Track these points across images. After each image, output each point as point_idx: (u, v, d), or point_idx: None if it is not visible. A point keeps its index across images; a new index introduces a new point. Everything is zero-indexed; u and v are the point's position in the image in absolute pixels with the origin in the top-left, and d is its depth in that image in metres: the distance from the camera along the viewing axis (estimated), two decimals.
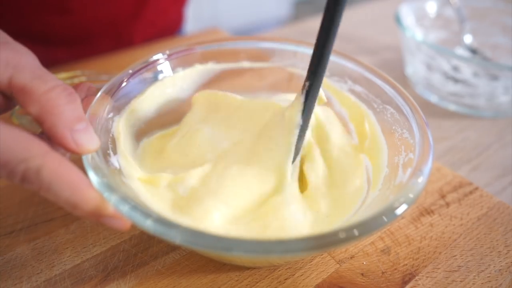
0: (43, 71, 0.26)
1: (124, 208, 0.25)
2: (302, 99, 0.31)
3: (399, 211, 0.26)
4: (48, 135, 0.26)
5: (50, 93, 0.25)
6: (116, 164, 0.32)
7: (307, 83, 0.30)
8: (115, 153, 0.33)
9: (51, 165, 0.23)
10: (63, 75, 0.41)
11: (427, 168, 0.29)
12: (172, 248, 0.35)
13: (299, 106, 0.32)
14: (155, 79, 0.39)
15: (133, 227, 0.36)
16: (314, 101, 0.32)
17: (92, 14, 0.62)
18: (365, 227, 0.25)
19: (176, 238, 0.24)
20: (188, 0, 0.76)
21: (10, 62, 0.25)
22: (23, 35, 0.57)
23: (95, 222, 0.27)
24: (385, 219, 0.25)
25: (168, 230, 0.24)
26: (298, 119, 0.32)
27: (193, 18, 2.14)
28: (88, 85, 0.33)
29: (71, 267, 0.33)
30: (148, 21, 0.69)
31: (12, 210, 0.38)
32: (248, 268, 0.33)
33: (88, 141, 0.26)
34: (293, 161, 0.34)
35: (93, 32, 0.64)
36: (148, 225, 0.24)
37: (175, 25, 0.76)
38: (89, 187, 0.25)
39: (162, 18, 0.71)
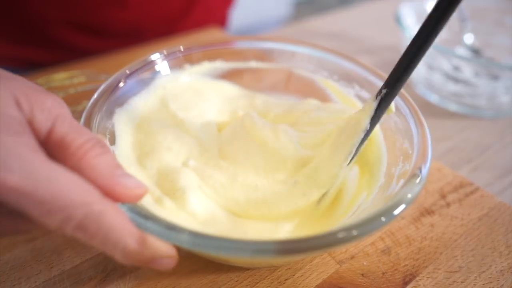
0: (78, 123, 0.26)
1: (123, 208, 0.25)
2: (374, 105, 0.31)
3: (397, 211, 0.26)
4: None
5: (86, 145, 0.24)
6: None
7: (384, 91, 0.30)
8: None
9: (112, 211, 0.23)
10: (63, 75, 0.41)
11: (426, 168, 0.29)
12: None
13: (370, 112, 0.31)
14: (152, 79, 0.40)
15: None
16: (385, 110, 0.31)
17: (146, 9, 0.66)
18: (364, 228, 0.24)
19: (180, 242, 0.24)
20: (235, 2, 0.78)
21: (53, 112, 0.24)
22: (79, 27, 0.61)
23: (145, 266, 0.27)
24: (383, 219, 0.25)
25: (169, 232, 0.24)
26: (366, 123, 0.32)
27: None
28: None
29: (70, 267, 0.33)
30: (196, 21, 0.73)
31: None
32: (248, 269, 0.33)
33: (135, 184, 0.25)
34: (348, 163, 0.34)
35: (145, 27, 0.69)
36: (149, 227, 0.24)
37: (220, 25, 0.79)
38: (149, 239, 0.24)
39: (209, 17, 0.75)
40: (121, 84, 0.36)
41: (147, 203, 0.29)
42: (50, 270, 0.33)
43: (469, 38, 0.66)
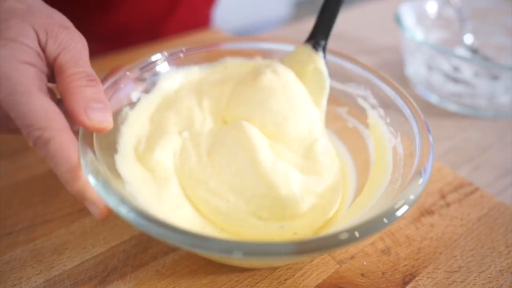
0: (82, 58, 0.30)
1: (123, 210, 0.25)
2: (321, 55, 0.39)
3: (400, 212, 0.26)
4: (68, 113, 0.28)
5: (75, 75, 0.29)
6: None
7: (323, 42, 0.39)
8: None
9: (60, 140, 0.27)
10: None
11: (428, 169, 0.29)
12: (172, 248, 0.35)
13: (322, 64, 0.39)
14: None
15: (132, 228, 0.36)
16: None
17: (129, 11, 0.65)
18: (366, 229, 0.24)
19: (177, 241, 0.23)
20: (218, 0, 0.78)
21: (62, 44, 0.30)
22: None
23: (80, 203, 0.30)
24: (385, 220, 0.25)
25: (165, 232, 0.24)
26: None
27: None
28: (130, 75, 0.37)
29: (71, 267, 0.33)
30: (180, 21, 0.72)
31: (12, 210, 0.38)
32: (248, 269, 0.33)
33: (100, 119, 0.28)
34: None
35: (129, 29, 0.68)
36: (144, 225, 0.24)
37: (204, 24, 0.79)
38: (82, 170, 0.27)
39: (193, 17, 0.75)
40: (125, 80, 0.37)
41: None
42: (51, 270, 0.33)
43: (468, 38, 0.66)
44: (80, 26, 0.33)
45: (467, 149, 0.50)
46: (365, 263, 0.34)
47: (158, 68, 0.40)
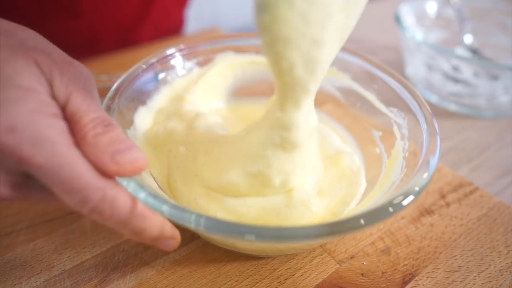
0: (94, 99, 0.27)
1: (141, 195, 0.26)
2: None
3: (405, 202, 0.26)
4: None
5: (90, 124, 0.25)
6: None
7: None
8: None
9: (125, 194, 0.25)
10: None
11: (434, 161, 0.29)
12: None
13: None
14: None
15: None
16: None
17: (100, 17, 0.63)
18: (372, 217, 0.25)
19: (190, 223, 0.24)
20: (190, 1, 0.77)
21: (70, 86, 0.26)
22: None
23: (151, 244, 0.28)
24: (391, 209, 0.26)
25: (182, 214, 0.25)
26: None
27: (194, 18, 2.13)
28: None
29: (71, 267, 0.33)
30: (153, 23, 0.70)
31: (12, 210, 0.38)
32: (248, 268, 0.33)
33: (131, 158, 0.25)
34: None
35: (101, 35, 0.65)
36: (164, 210, 0.25)
37: (177, 26, 0.78)
38: (155, 214, 0.26)
39: (165, 20, 0.73)
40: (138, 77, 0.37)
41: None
42: (51, 270, 0.33)
43: (468, 39, 0.66)
44: (50, 33, 0.30)
45: (467, 149, 0.50)
46: (365, 263, 0.34)
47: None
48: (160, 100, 0.40)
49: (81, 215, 0.37)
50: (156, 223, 0.26)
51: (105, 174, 0.25)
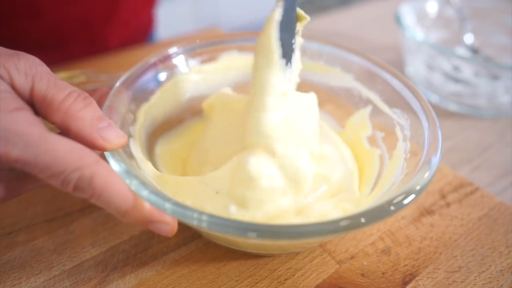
0: (56, 78, 0.27)
1: (144, 193, 0.26)
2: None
3: (406, 201, 0.26)
4: (76, 140, 0.26)
5: (68, 100, 0.26)
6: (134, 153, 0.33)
7: None
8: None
9: (103, 173, 0.25)
10: (63, 74, 0.41)
11: (436, 159, 0.29)
12: (172, 248, 0.35)
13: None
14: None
15: (132, 227, 0.36)
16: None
17: (64, 16, 0.60)
18: (373, 215, 0.25)
19: (193, 220, 0.25)
20: (158, 2, 0.76)
21: (29, 72, 0.26)
22: None
23: (143, 228, 0.29)
24: (392, 208, 0.26)
25: (185, 212, 0.25)
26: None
27: (193, 18, 2.13)
28: (102, 91, 0.35)
29: (71, 267, 0.33)
30: (121, 22, 0.68)
31: (11, 210, 0.37)
32: (248, 268, 0.33)
33: (115, 136, 0.28)
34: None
35: (66, 35, 0.63)
36: (167, 208, 0.25)
37: (147, 26, 0.76)
38: (139, 201, 0.26)
39: (134, 19, 0.71)
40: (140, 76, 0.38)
41: None
42: (50, 270, 0.33)
43: (469, 38, 0.66)
44: (10, 35, 0.31)
45: (467, 149, 0.50)
46: (365, 263, 0.34)
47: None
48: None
49: (81, 215, 0.37)
50: (145, 210, 0.26)
51: (92, 147, 0.26)
